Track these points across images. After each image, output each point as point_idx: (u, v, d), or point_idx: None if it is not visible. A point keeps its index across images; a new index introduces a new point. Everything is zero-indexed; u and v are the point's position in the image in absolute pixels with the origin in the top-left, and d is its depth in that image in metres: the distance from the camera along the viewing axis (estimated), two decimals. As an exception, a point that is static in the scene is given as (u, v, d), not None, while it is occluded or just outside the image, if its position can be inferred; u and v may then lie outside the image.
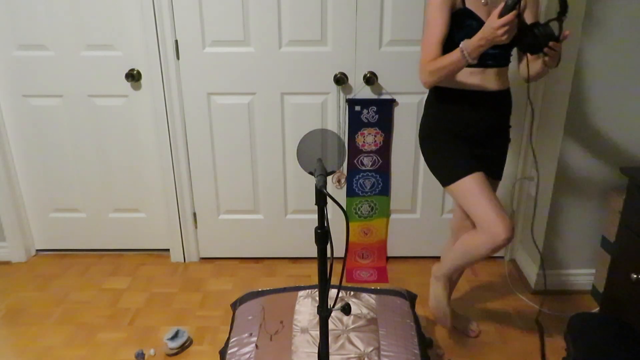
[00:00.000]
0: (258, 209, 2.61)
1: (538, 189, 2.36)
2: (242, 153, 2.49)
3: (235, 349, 1.68)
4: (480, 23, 1.65)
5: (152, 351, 2.02)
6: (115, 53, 2.36)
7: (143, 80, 2.40)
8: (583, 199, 2.24)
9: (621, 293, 1.92)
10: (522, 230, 2.56)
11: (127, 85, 2.41)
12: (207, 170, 2.52)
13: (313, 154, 1.26)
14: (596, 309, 2.23)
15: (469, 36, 1.60)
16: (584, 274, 2.36)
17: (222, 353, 1.73)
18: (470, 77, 1.74)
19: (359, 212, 2.56)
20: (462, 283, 2.45)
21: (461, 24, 1.69)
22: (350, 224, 2.52)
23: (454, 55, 1.61)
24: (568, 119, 2.09)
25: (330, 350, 1.57)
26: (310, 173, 1.21)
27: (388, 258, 2.66)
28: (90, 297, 2.39)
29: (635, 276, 1.79)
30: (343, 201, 2.53)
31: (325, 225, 1.17)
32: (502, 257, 2.66)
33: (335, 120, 2.41)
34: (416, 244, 2.65)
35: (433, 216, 2.60)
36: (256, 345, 1.66)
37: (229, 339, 1.75)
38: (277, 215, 2.61)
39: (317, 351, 1.47)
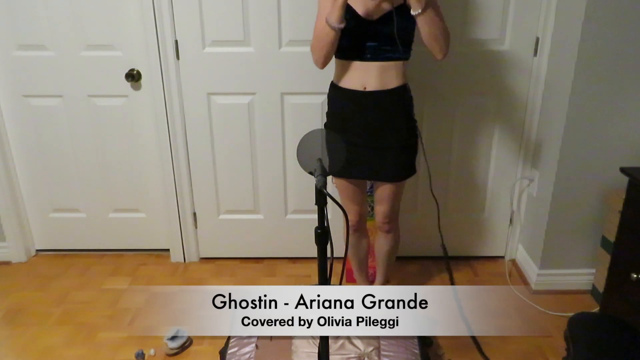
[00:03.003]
0: (258, 209, 2.61)
1: (538, 189, 2.36)
2: (242, 153, 2.49)
3: (235, 349, 1.68)
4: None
5: (152, 351, 2.02)
6: (115, 53, 2.36)
7: (143, 80, 2.40)
8: (583, 199, 2.23)
9: (621, 293, 1.92)
10: (522, 230, 2.56)
11: (127, 85, 2.41)
12: (207, 170, 2.52)
13: (313, 154, 1.26)
14: (596, 309, 2.23)
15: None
16: (584, 274, 2.36)
17: (222, 353, 1.73)
18: (350, 73, 1.74)
19: (359, 212, 2.55)
20: (462, 282, 2.45)
21: None
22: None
23: (321, 23, 1.67)
24: (568, 119, 2.09)
25: (330, 350, 1.57)
26: (310, 173, 1.21)
27: (388, 258, 2.65)
28: (90, 297, 2.39)
29: (635, 276, 1.79)
30: (343, 201, 2.53)
31: (325, 225, 1.17)
32: (502, 257, 2.66)
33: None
34: (417, 244, 2.65)
35: (434, 216, 2.59)
36: (256, 345, 1.66)
37: (229, 338, 1.75)
38: (277, 215, 2.61)
39: (317, 351, 1.47)
